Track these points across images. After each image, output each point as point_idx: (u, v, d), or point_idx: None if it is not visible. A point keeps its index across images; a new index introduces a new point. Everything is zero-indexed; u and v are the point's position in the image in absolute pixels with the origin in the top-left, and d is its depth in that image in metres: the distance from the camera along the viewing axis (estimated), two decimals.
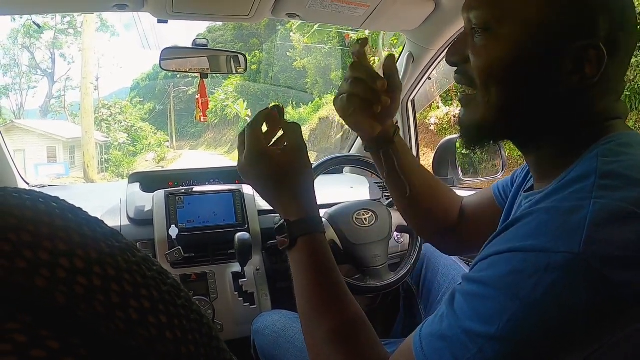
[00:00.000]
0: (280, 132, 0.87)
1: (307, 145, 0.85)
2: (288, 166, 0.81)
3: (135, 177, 1.92)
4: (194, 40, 1.60)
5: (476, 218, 1.03)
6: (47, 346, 0.19)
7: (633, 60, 7.39)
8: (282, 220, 0.80)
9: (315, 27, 14.59)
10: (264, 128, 0.85)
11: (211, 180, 1.91)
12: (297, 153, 0.82)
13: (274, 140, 0.87)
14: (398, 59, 1.93)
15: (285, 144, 0.85)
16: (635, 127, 7.24)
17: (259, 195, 0.86)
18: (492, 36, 0.65)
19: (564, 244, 0.51)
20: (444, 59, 0.75)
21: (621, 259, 0.51)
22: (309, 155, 0.84)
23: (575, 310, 0.50)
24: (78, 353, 0.20)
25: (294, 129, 0.84)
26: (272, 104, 0.88)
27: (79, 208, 0.27)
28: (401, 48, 1.91)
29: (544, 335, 0.51)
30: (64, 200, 0.26)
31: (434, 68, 1.86)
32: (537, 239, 0.54)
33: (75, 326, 0.21)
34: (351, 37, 13.83)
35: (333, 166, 1.56)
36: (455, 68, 0.73)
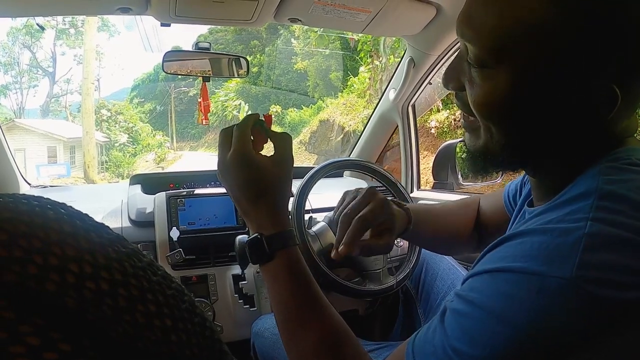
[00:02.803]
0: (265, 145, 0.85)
1: (308, 147, 0.84)
2: (273, 177, 0.78)
3: (137, 179, 1.93)
4: (196, 44, 1.60)
5: (493, 220, 1.03)
6: (59, 348, 0.20)
7: None
8: (255, 234, 0.78)
9: (319, 32, 14.63)
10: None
11: (212, 183, 1.92)
12: (285, 165, 0.80)
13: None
14: (399, 64, 1.94)
15: (273, 153, 0.82)
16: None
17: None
18: (490, 74, 0.59)
19: (557, 269, 0.50)
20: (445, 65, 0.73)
21: (615, 282, 0.49)
22: (309, 157, 0.83)
23: (567, 333, 0.50)
24: (88, 355, 0.21)
25: (285, 139, 0.82)
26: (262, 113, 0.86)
27: (86, 214, 0.28)
28: (402, 52, 1.92)
29: (535, 357, 0.51)
30: (71, 207, 0.27)
31: (435, 73, 1.87)
32: (530, 261, 0.52)
33: (85, 329, 0.22)
34: (355, 40, 13.84)
35: (334, 170, 1.56)
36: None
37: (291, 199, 1.48)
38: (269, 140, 0.84)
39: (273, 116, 0.85)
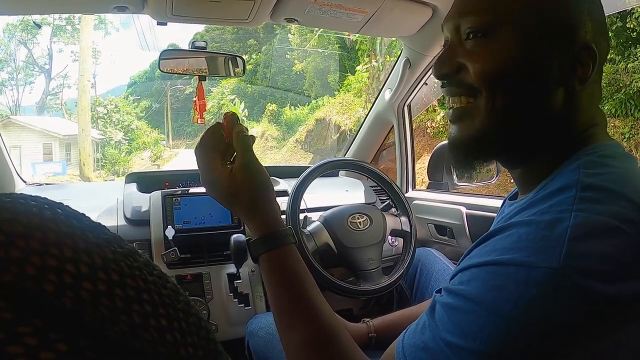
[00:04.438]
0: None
1: (303, 145, 0.84)
2: (238, 186, 0.80)
3: (132, 177, 1.93)
4: (193, 42, 1.60)
5: None
6: (56, 349, 0.20)
7: (630, 65, 7.39)
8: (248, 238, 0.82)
9: (319, 32, 14.64)
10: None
11: None
12: (246, 170, 0.80)
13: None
14: (395, 64, 1.94)
15: (237, 160, 0.83)
16: (630, 133, 7.27)
17: None
18: (491, 40, 0.64)
19: (544, 259, 0.51)
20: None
21: (601, 273, 0.50)
22: (304, 156, 0.83)
23: (557, 325, 0.50)
24: (86, 355, 0.21)
25: (242, 142, 0.82)
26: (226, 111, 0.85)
27: (83, 214, 0.28)
28: (399, 52, 1.93)
29: (526, 349, 0.51)
30: (68, 207, 0.27)
31: (431, 74, 1.88)
32: (517, 253, 0.53)
33: (83, 329, 0.22)
34: (351, 40, 13.84)
35: (329, 170, 1.57)
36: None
37: (286, 198, 1.49)
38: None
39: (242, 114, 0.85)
